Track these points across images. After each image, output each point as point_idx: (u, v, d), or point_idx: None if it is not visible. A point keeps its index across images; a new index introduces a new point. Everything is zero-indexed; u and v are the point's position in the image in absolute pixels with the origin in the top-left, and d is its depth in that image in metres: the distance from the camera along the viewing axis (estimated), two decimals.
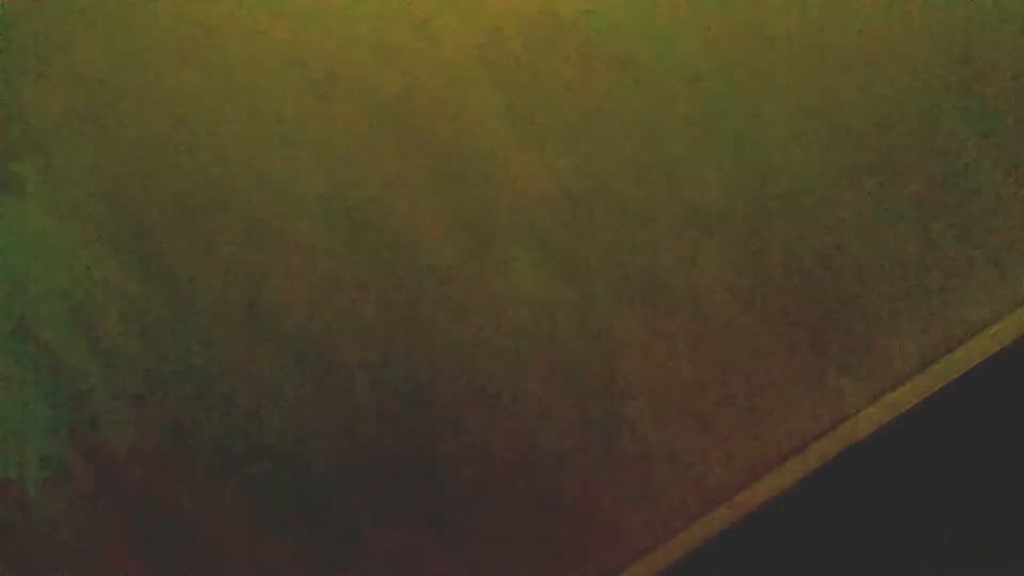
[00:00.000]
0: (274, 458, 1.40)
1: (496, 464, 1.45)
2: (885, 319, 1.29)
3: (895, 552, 1.32)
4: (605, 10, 0.98)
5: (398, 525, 1.55)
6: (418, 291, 1.21)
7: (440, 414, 1.36)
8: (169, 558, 1.56)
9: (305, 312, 1.22)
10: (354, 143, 1.06)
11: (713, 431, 1.43)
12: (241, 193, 1.09)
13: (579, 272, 1.20)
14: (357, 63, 1.00)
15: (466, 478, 1.47)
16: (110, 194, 1.08)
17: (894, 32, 1.02)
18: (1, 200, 1.03)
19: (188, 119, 1.03)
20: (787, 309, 1.27)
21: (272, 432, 1.36)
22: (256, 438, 1.37)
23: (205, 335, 1.22)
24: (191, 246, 1.14)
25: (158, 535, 1.50)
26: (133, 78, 1.00)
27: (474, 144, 1.07)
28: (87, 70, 0.99)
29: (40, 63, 0.99)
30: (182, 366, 1.26)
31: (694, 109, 1.06)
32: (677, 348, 1.30)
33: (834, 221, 1.18)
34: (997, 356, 1.28)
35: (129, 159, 1.05)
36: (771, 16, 1.00)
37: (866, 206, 1.16)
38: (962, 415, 1.30)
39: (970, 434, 1.28)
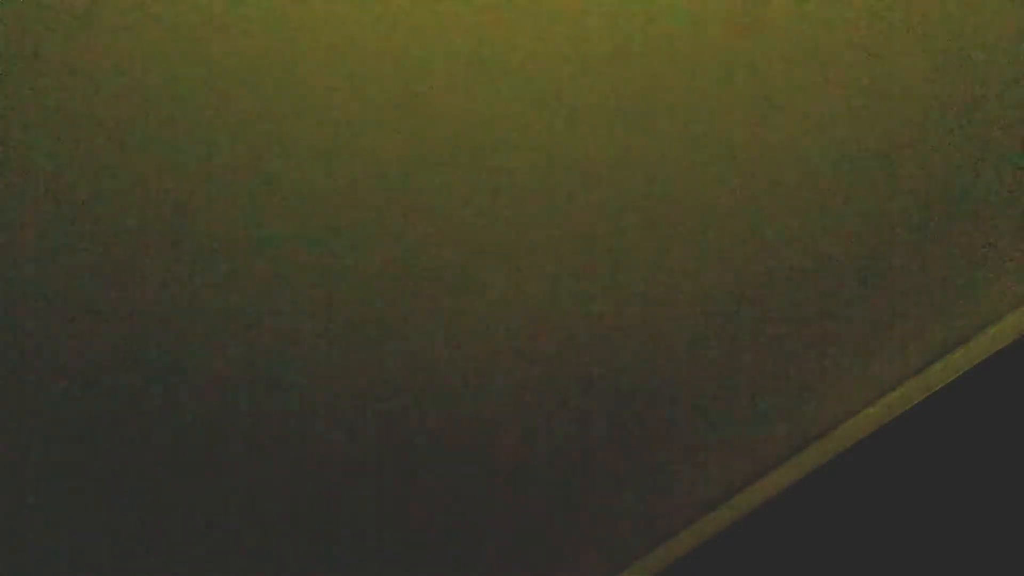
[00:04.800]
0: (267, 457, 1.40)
1: (496, 464, 1.45)
2: (885, 319, 1.29)
3: (895, 553, 1.32)
4: (600, 5, 0.98)
5: (396, 526, 1.55)
6: (413, 294, 1.21)
7: (439, 412, 1.36)
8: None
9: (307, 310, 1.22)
10: (356, 144, 1.06)
11: (713, 431, 1.43)
12: (237, 196, 1.09)
13: (575, 270, 1.20)
14: (357, 64, 1.00)
15: (465, 478, 1.47)
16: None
17: (894, 32, 1.02)
18: None
19: (183, 118, 1.03)
20: (787, 308, 1.27)
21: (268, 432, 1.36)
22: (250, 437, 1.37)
23: (202, 339, 1.23)
24: (187, 245, 1.14)
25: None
26: (125, 76, 1.00)
27: (472, 142, 1.07)
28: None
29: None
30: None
31: (691, 107, 1.06)
32: (676, 348, 1.30)
33: (833, 221, 1.18)
34: (997, 356, 1.28)
35: (124, 159, 1.05)
36: (768, 15, 1.00)
37: (865, 206, 1.16)
38: (962, 415, 1.30)
39: (970, 434, 1.28)
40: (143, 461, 1.37)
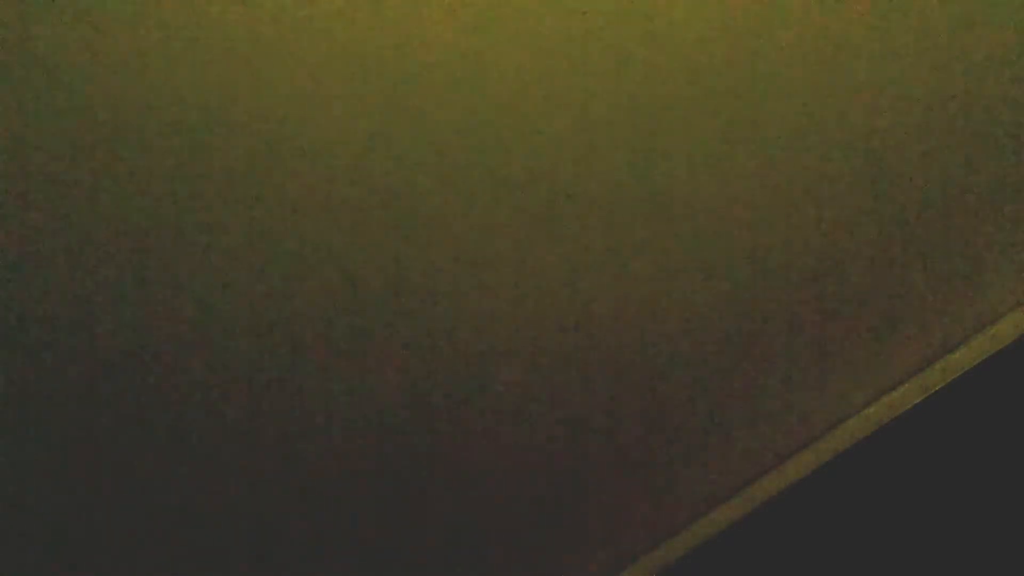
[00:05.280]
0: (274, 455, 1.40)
1: (496, 465, 1.45)
2: (885, 319, 1.29)
3: (895, 553, 1.32)
4: (601, 5, 0.98)
5: (397, 526, 1.55)
6: (417, 291, 1.21)
7: (439, 412, 1.36)
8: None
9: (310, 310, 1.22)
10: (355, 145, 1.06)
11: (713, 431, 1.43)
12: (236, 197, 1.09)
13: (576, 272, 1.20)
14: (356, 61, 1.00)
15: (467, 479, 1.47)
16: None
17: (892, 33, 1.02)
18: None
19: (187, 119, 1.03)
20: (787, 309, 1.27)
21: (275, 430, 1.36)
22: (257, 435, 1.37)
23: (200, 340, 1.23)
24: (190, 246, 1.14)
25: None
26: (126, 76, 1.00)
27: (469, 139, 1.07)
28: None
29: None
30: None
31: (690, 108, 1.06)
32: (676, 348, 1.30)
33: (833, 222, 1.18)
34: (997, 356, 1.28)
35: (124, 159, 1.06)
36: (769, 17, 1.00)
37: (865, 207, 1.16)
38: (962, 415, 1.30)
39: (970, 434, 1.28)
40: (143, 462, 1.37)
